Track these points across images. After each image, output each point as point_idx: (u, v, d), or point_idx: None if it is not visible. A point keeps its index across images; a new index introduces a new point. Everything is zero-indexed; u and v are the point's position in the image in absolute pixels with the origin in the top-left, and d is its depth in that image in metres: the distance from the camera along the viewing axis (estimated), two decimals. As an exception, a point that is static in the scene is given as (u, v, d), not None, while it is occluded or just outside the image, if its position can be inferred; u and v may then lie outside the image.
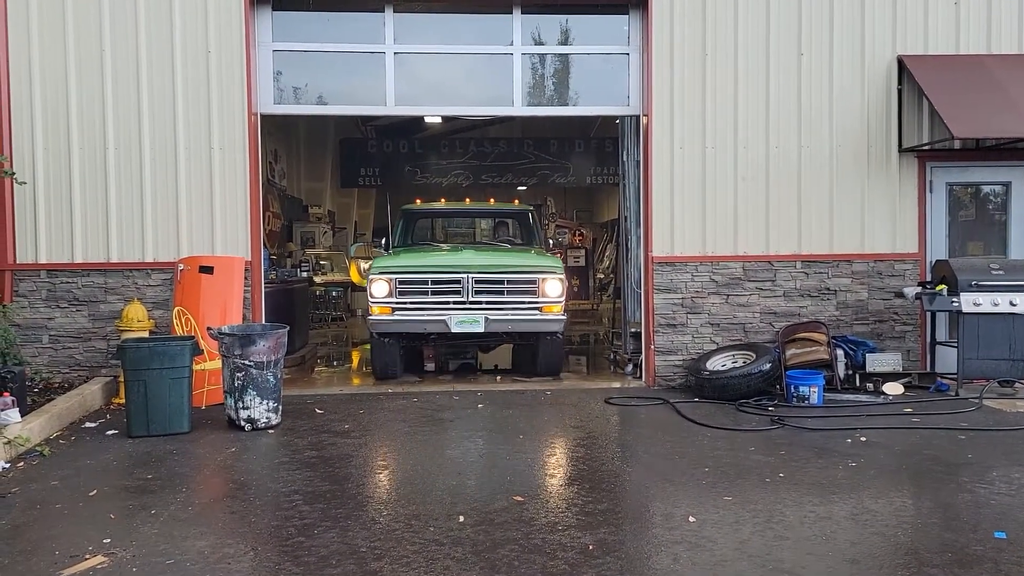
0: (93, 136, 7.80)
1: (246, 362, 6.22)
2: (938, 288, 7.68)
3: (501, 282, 7.94)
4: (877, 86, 8.39)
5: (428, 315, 7.85)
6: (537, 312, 7.93)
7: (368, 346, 9.13)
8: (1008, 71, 8.18)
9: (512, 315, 7.88)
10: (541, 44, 8.51)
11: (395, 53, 8.25)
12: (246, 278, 7.83)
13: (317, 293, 13.10)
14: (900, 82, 8.39)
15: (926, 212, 8.52)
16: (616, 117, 9.14)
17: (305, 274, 12.56)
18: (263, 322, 7.83)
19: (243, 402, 6.24)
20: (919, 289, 7.91)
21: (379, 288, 7.87)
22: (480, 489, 4.82)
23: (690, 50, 8.25)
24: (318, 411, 6.98)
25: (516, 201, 10.98)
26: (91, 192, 7.81)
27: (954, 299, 7.48)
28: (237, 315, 7.49)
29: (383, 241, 9.54)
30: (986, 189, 8.78)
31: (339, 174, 16.80)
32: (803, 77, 8.33)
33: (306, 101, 8.46)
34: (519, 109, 8.51)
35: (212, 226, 7.88)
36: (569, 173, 16.06)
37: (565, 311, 8.18)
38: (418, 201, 10.33)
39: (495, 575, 3.61)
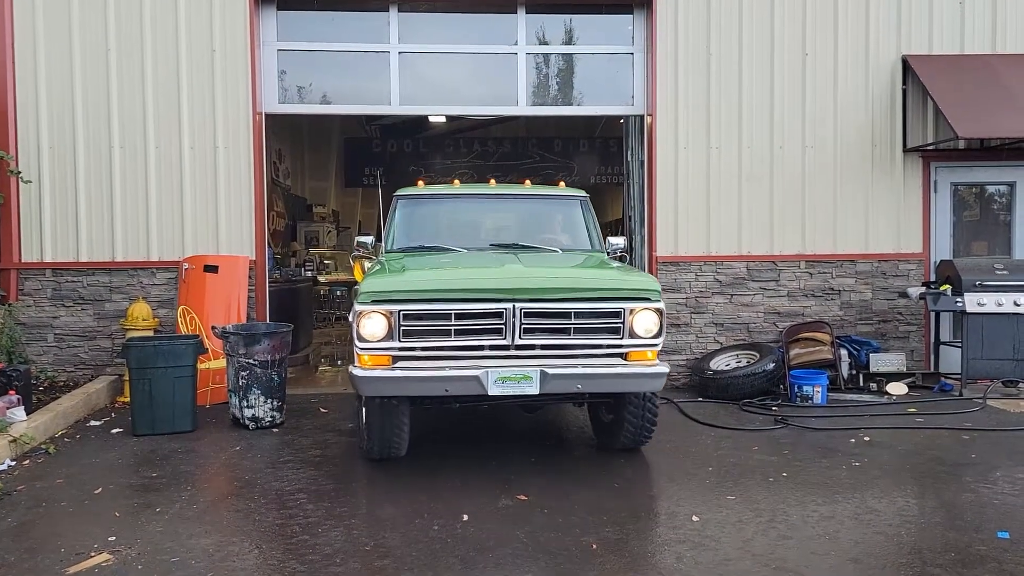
0: (98, 135, 7.83)
1: (250, 361, 6.24)
2: (942, 288, 7.67)
3: (567, 315, 4.78)
4: (882, 86, 8.38)
5: (450, 368, 4.73)
6: (621, 361, 4.89)
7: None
8: (1013, 71, 8.16)
9: (584, 367, 4.80)
10: (545, 44, 8.51)
11: (400, 53, 8.26)
12: (250, 277, 7.85)
13: (321, 292, 13.11)
14: (905, 82, 8.38)
15: (930, 212, 8.50)
16: (620, 117, 9.14)
17: (309, 273, 12.57)
18: (267, 321, 7.84)
19: (247, 401, 6.25)
20: (923, 289, 7.90)
21: (372, 326, 4.66)
22: (482, 488, 4.83)
23: (694, 50, 8.24)
24: (322, 410, 7.00)
25: (561, 183, 6.92)
26: (96, 191, 7.83)
27: (958, 299, 7.47)
28: (242, 314, 7.50)
29: (368, 241, 6.26)
30: (991, 189, 8.76)
31: (343, 173, 16.81)
32: (808, 77, 8.32)
33: (311, 100, 8.47)
34: (523, 109, 8.52)
35: (217, 225, 7.90)
36: (573, 173, 16.03)
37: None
38: (420, 183, 6.63)
39: (498, 573, 3.62)
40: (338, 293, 12.99)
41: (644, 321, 4.86)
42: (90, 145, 7.83)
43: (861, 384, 7.76)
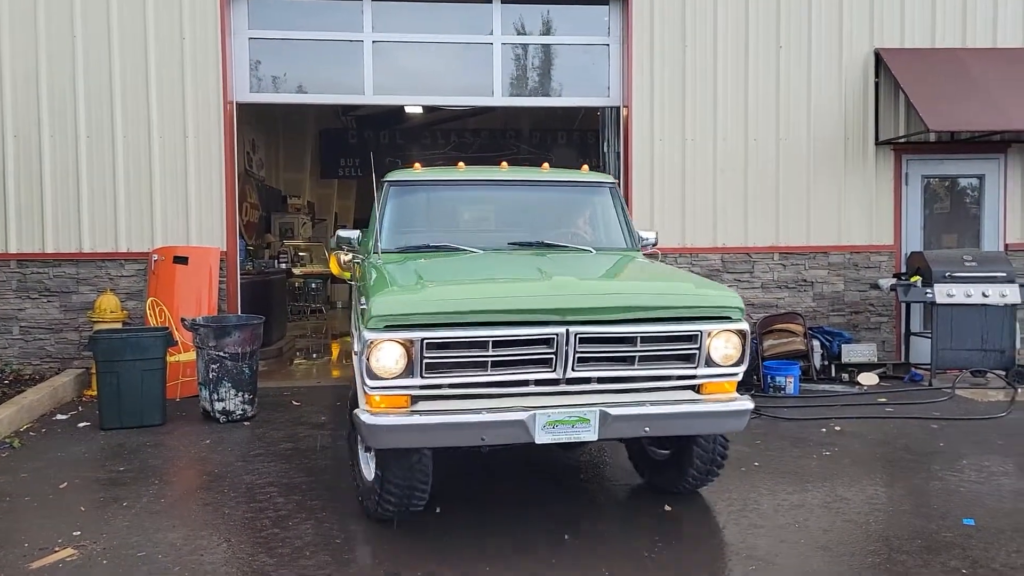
0: (64, 124, 7.67)
1: (221, 353, 6.16)
2: (912, 279, 7.76)
3: (631, 340, 3.78)
4: (854, 79, 8.44)
5: (487, 411, 3.67)
6: (694, 395, 3.94)
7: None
8: (983, 65, 8.25)
9: (652, 405, 3.81)
10: (521, 34, 8.47)
11: (374, 42, 8.17)
12: (222, 269, 7.75)
13: (296, 285, 13.01)
14: (877, 75, 8.44)
15: (902, 204, 8.59)
16: (597, 108, 9.13)
17: (284, 265, 12.46)
18: (239, 313, 7.75)
19: (218, 394, 6.18)
20: (894, 280, 7.98)
21: (386, 359, 3.60)
22: (462, 475, 4.80)
23: (670, 42, 8.24)
24: (295, 403, 6.93)
25: (585, 166, 5.77)
26: (62, 181, 7.68)
27: (928, 290, 7.55)
28: (212, 306, 7.41)
29: (353, 237, 5.24)
30: (961, 182, 8.86)
31: (319, 165, 16.67)
32: (781, 69, 8.36)
33: (284, 90, 8.37)
34: (499, 99, 8.47)
35: (187, 216, 7.78)
36: (552, 164, 16.00)
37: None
38: (417, 166, 5.39)
39: (480, 566, 3.61)
40: (313, 285, 12.90)
41: (724, 345, 3.87)
42: (55, 133, 7.67)
43: (833, 374, 7.83)
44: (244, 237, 11.89)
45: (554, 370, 3.71)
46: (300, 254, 14.23)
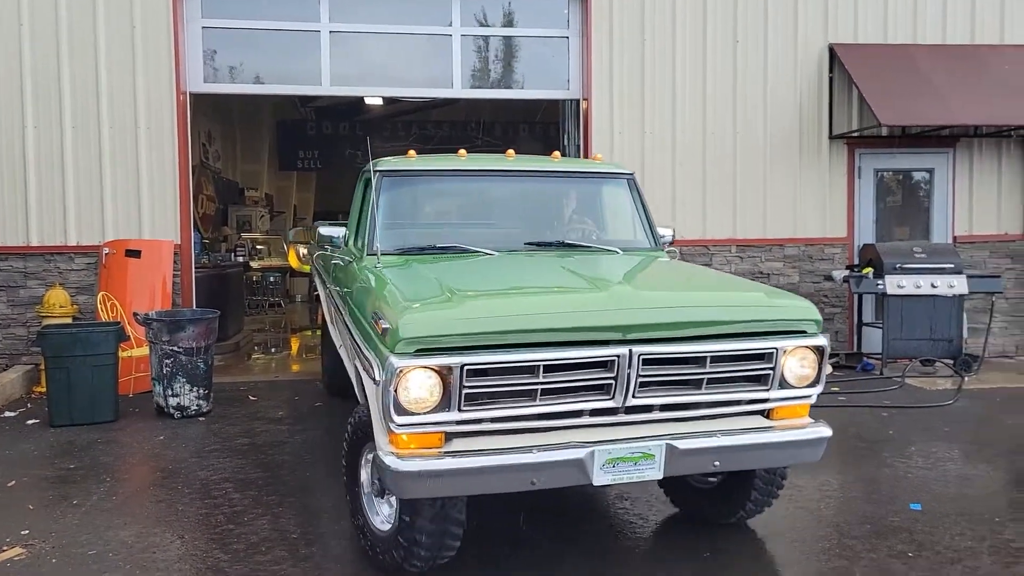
0: (11, 114, 7.44)
1: (175, 348, 6.05)
2: (864, 271, 7.92)
3: (700, 360, 3.27)
4: (809, 74, 8.57)
5: (539, 449, 3.12)
6: (764, 422, 3.46)
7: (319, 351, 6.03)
8: (932, 61, 8.44)
9: (723, 435, 3.30)
10: (481, 26, 8.44)
11: (331, 32, 8.07)
12: (176, 262, 7.61)
13: (254, 279, 12.82)
14: (831, 70, 8.59)
15: (855, 197, 8.75)
16: (557, 101, 9.14)
17: (241, 259, 12.28)
18: (194, 308, 7.62)
19: (172, 389, 6.07)
20: (847, 272, 8.14)
21: (419, 390, 3.02)
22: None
23: (629, 35, 8.28)
24: (252, 398, 6.85)
25: (598, 156, 5.52)
26: (8, 172, 7.45)
27: (879, 282, 7.72)
28: (166, 300, 7.27)
29: (337, 236, 4.59)
30: (912, 175, 9.06)
31: (277, 156, 16.44)
32: (739, 64, 8.46)
33: (241, 80, 8.22)
34: (459, 91, 8.43)
35: (139, 208, 7.62)
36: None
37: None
38: (411, 154, 4.80)
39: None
40: (271, 279, 12.73)
41: (799, 364, 3.39)
42: (2, 124, 7.44)
43: (788, 365, 7.94)
44: (200, 230, 11.68)
45: (612, 397, 3.14)
46: (258, 247, 14.02)
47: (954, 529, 3.91)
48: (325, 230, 4.58)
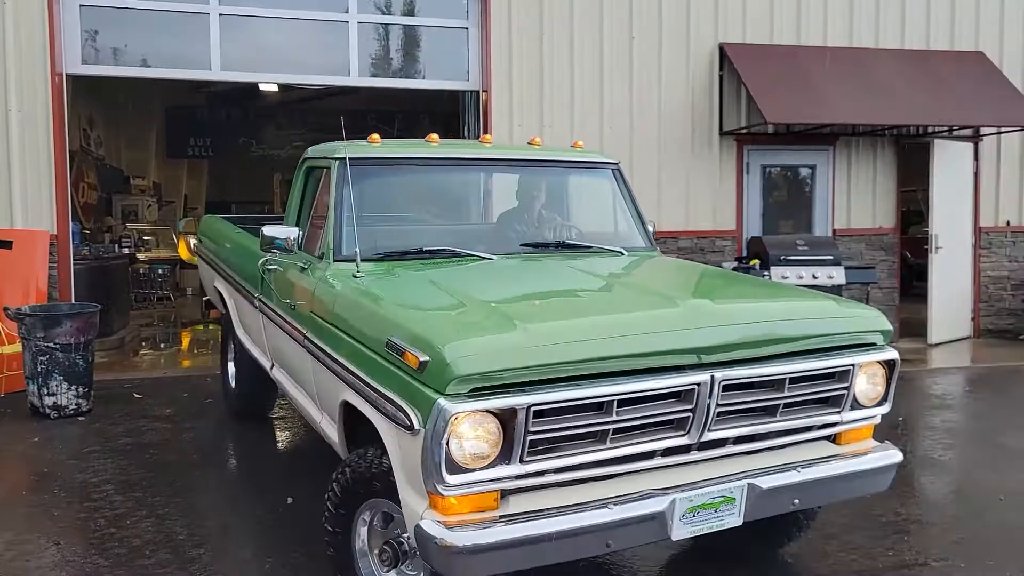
0: None
1: (50, 345, 5.71)
2: (752, 263, 8.27)
3: (779, 383, 2.83)
4: (701, 71, 8.86)
5: (614, 503, 2.57)
6: (834, 448, 3.06)
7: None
8: (814, 62, 8.87)
9: (803, 468, 2.88)
10: (380, 14, 8.30)
11: (220, 15, 7.75)
12: (52, 253, 7.17)
13: (141, 271, 12.22)
14: (721, 68, 8.90)
15: (743, 192, 9.12)
16: (456, 91, 9.11)
17: (126, 250, 11.69)
18: (72, 301, 7.20)
19: (48, 388, 5.72)
20: (736, 264, 8.48)
21: (476, 438, 2.41)
22: (315, 467, 4.70)
23: (527, 28, 8.33)
24: (136, 396, 6.53)
25: (579, 143, 4.74)
26: None
27: (765, 273, 8.08)
28: (42, 294, 6.84)
29: (291, 237, 3.74)
30: (796, 171, 9.51)
31: (165, 143, 15.72)
32: (635, 60, 8.65)
33: (126, 63, 7.80)
34: (356, 79, 8.27)
35: (11, 197, 7.13)
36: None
37: None
38: (375, 138, 3.98)
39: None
40: (160, 271, 12.18)
41: (869, 380, 3.00)
42: None
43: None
44: (80, 220, 11.07)
45: (687, 432, 2.67)
46: (145, 238, 13.38)
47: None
48: (272, 230, 3.71)
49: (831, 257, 8.16)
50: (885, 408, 3.08)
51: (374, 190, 3.91)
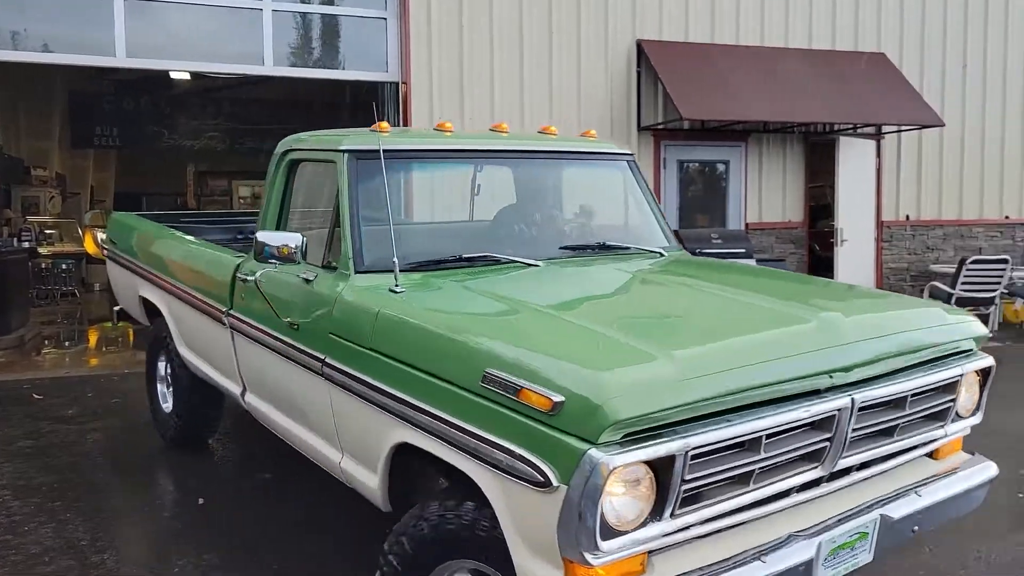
0: None
1: (-60, 344, 5.38)
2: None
3: (902, 401, 2.58)
4: (620, 68, 8.99)
5: (764, 556, 2.24)
6: (935, 466, 2.87)
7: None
8: (727, 60, 9.12)
9: (925, 491, 2.68)
10: (295, 1, 8.10)
11: (126, -1, 7.45)
12: (-57, 247, 6.76)
13: (43, 266, 11.63)
14: (639, 65, 9.05)
15: (661, 186, 9.31)
16: (375, 83, 8.99)
17: (27, 244, 11.11)
18: (-34, 298, 6.80)
19: (-62, 390, 5.39)
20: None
21: (628, 491, 2.02)
22: (224, 467, 4.58)
23: (447, 22, 8.29)
24: (36, 396, 6.21)
25: (591, 132, 4.19)
26: None
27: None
28: (-69, 290, 6.44)
29: (293, 245, 3.04)
30: (711, 166, 9.77)
31: (70, 132, 14.99)
32: (554, 55, 8.71)
33: (25, 47, 7.39)
34: (270, 69, 8.08)
35: None
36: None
37: None
38: (384, 127, 3.29)
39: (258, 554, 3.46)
40: (63, 266, 11.63)
41: (968, 389, 2.81)
42: None
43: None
44: (-25, 212, 10.47)
45: (821, 463, 2.37)
46: (47, 232, 12.74)
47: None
48: (270, 236, 3.09)
49: (743, 250, 8.41)
50: (978, 418, 2.88)
51: (395, 188, 3.50)
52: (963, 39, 10.17)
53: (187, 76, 12.92)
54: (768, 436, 2.23)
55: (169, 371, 4.79)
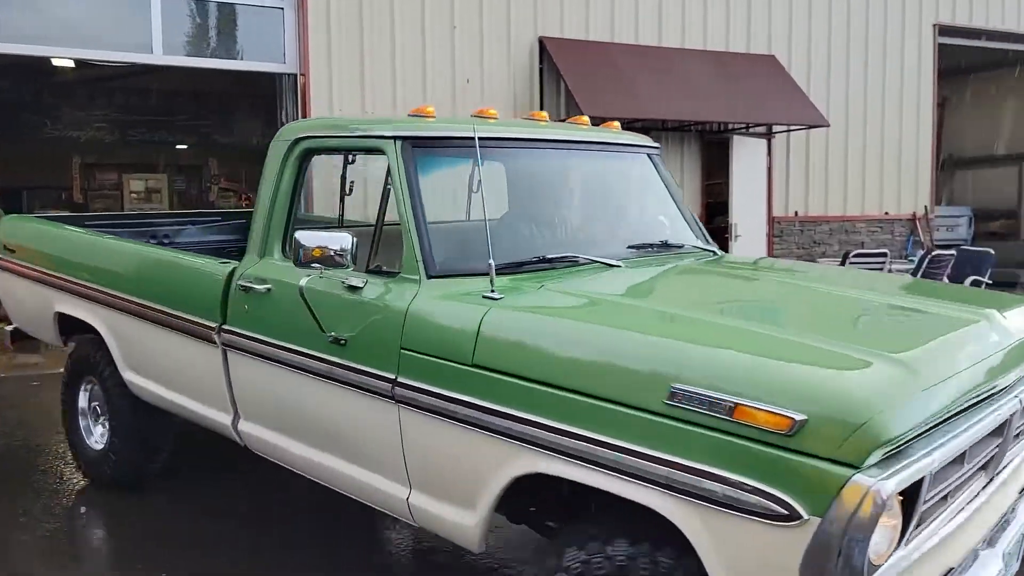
0: None
1: None
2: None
3: None
4: (522, 64, 9.05)
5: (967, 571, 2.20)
6: None
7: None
8: (626, 59, 9.32)
9: None
10: (187, -12, 7.81)
11: (-2, -21, 7.00)
12: None
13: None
14: (542, 61, 9.13)
15: (564, 182, 9.42)
16: (272, 74, 8.75)
17: None
18: None
19: None
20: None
21: (888, 523, 1.78)
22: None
23: (347, 13, 8.14)
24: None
25: (615, 124, 3.74)
26: None
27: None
28: None
29: (345, 249, 2.59)
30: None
31: (-64, 122, 13.96)
32: (456, 50, 8.68)
33: None
34: (159, 58, 7.74)
35: None
36: (233, 132, 15.10)
37: None
38: (431, 111, 3.06)
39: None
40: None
41: None
42: None
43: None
44: None
45: (987, 468, 2.24)
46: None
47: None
48: (310, 237, 2.63)
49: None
50: None
51: (456, 182, 3.26)
52: (846, 44, 10.71)
53: (71, 64, 12.25)
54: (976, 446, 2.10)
55: (101, 401, 4.15)
